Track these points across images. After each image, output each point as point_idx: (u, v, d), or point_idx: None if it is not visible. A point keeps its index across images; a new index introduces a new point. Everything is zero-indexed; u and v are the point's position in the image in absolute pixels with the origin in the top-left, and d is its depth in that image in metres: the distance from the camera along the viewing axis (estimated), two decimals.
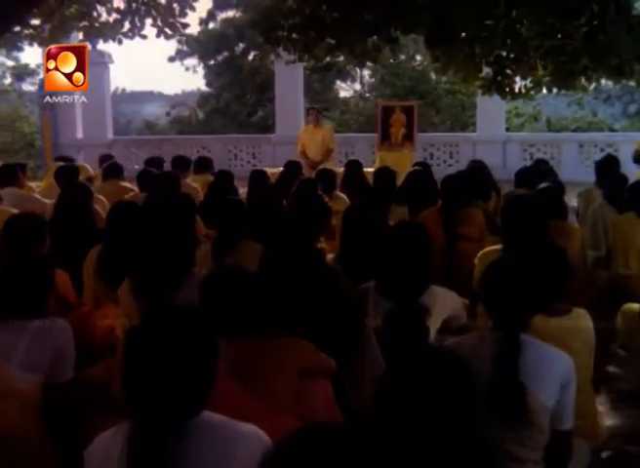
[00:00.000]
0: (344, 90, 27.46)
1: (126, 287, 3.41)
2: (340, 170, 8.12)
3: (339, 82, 26.45)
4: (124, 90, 51.07)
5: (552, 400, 2.34)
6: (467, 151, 14.14)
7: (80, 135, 14.93)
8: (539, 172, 6.43)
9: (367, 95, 25.27)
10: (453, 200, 5.33)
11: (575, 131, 19.32)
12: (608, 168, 6.86)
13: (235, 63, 25.32)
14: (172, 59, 27.22)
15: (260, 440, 1.83)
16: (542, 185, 4.90)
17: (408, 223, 3.82)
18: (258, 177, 6.96)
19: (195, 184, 7.31)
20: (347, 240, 3.85)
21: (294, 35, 7.78)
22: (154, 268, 3.32)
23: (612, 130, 18.82)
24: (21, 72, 25.44)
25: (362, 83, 26.66)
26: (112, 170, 7.62)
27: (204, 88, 28.44)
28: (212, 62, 26.43)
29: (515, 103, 22.86)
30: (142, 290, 3.27)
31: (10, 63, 25.20)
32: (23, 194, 6.67)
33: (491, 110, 13.93)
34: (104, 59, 14.91)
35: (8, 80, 26.03)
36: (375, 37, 7.82)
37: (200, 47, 25.75)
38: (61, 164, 7.10)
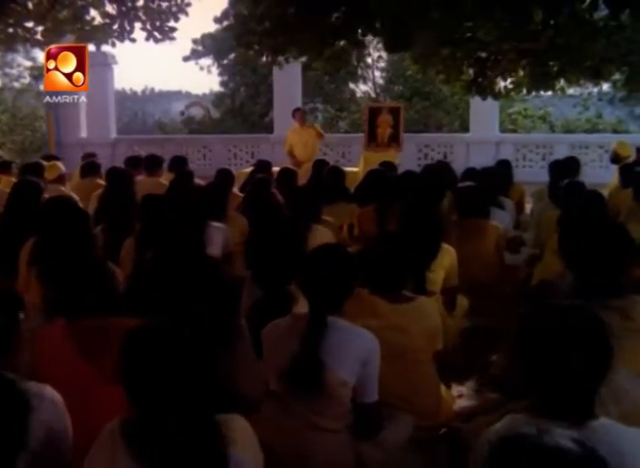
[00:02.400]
0: (360, 91, 27.74)
1: (34, 273, 3.71)
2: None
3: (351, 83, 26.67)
4: (152, 89, 51.81)
5: (353, 375, 2.59)
6: (461, 152, 14.34)
7: (84, 134, 15.35)
8: (477, 172, 6.63)
9: (376, 95, 25.42)
10: (389, 197, 5.56)
11: (585, 132, 19.37)
12: (557, 168, 7.06)
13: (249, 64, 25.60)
14: (187, 59, 27.61)
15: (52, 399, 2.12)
16: (461, 185, 5.12)
17: (283, 219, 4.06)
18: (220, 176, 7.24)
19: (166, 182, 7.60)
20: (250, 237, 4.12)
21: (264, 39, 8.05)
22: (62, 255, 3.60)
23: (615, 132, 18.81)
24: (39, 72, 25.99)
25: (374, 84, 26.89)
26: (89, 168, 7.99)
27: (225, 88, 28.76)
28: (225, 62, 26.72)
29: (524, 105, 22.97)
30: (48, 275, 3.55)
31: (27, 64, 25.73)
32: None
33: (484, 111, 14.05)
34: (108, 60, 15.35)
35: (27, 80, 26.61)
36: (343, 41, 8.09)
37: (214, 47, 26.10)
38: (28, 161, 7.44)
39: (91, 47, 13.58)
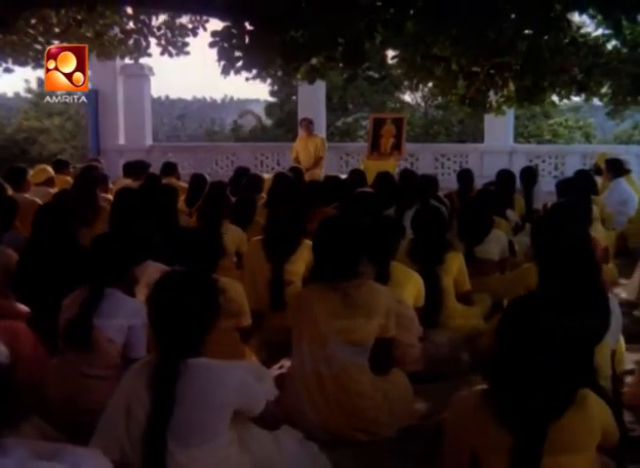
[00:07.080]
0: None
1: None
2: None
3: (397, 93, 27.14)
4: (232, 97, 53.75)
5: (121, 335, 3.25)
6: (476, 161, 14.69)
7: (122, 141, 16.40)
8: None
9: (418, 105, 25.86)
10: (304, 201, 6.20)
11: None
12: (498, 177, 7.56)
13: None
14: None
15: None
16: (358, 190, 5.68)
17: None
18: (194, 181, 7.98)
19: None
20: None
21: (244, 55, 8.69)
22: None
23: None
24: None
25: (423, 93, 27.28)
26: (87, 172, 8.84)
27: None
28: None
29: (566, 115, 22.99)
30: None
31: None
32: None
33: (498, 122, 14.34)
34: (144, 72, 16.31)
35: None
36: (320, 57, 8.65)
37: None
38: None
39: (127, 59, 14.60)
